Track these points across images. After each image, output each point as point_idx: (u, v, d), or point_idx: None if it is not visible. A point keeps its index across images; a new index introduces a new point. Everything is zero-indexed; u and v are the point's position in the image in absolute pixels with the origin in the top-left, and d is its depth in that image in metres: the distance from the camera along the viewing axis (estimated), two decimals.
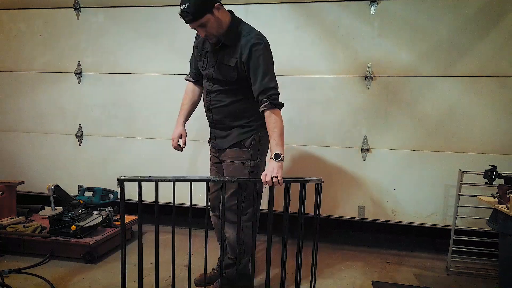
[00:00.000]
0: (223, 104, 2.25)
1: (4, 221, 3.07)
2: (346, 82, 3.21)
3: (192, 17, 1.98)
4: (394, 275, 2.83)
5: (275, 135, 2.07)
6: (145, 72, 3.53)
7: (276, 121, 2.08)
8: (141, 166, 3.62)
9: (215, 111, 2.29)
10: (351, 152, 3.26)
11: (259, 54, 2.09)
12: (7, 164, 3.89)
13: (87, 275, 2.65)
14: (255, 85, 2.11)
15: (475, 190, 2.81)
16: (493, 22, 2.94)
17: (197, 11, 1.97)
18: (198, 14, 1.98)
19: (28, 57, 3.74)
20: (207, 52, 2.24)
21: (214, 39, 2.11)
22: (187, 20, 2.01)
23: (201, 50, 2.28)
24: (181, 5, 1.98)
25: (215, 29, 2.07)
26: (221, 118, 2.28)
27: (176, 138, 2.43)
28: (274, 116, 2.08)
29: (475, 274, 2.84)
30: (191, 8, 1.96)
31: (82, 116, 3.71)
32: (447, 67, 3.04)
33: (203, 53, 2.27)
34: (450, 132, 3.09)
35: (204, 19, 2.00)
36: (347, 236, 3.47)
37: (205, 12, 1.99)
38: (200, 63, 2.30)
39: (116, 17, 3.53)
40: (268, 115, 2.09)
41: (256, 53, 2.08)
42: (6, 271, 2.58)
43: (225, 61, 2.16)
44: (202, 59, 2.28)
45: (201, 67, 2.31)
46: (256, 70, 2.09)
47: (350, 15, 3.13)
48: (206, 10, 1.99)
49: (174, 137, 2.43)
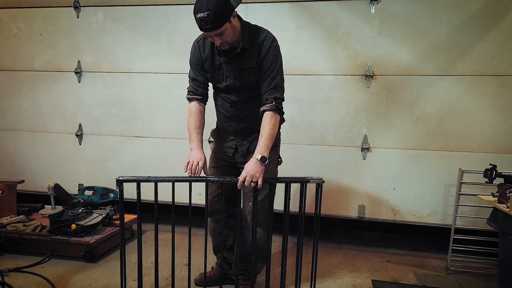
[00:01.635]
0: (248, 112, 2.21)
1: (4, 220, 3.07)
2: (346, 81, 3.21)
3: (211, 26, 1.87)
4: (394, 274, 2.83)
5: (267, 137, 2.02)
6: (145, 71, 3.54)
7: (274, 125, 2.05)
8: (141, 165, 3.62)
9: (241, 119, 2.24)
10: (351, 151, 3.26)
11: (276, 51, 2.09)
12: (7, 163, 3.89)
13: (87, 274, 2.65)
14: (267, 80, 2.06)
15: (475, 189, 2.80)
16: (493, 21, 2.94)
17: (217, 20, 1.86)
18: (218, 24, 1.88)
19: (28, 56, 3.74)
20: (221, 64, 2.14)
21: (227, 46, 2.03)
22: (206, 28, 1.90)
23: (212, 64, 2.17)
24: (199, 12, 1.85)
25: (231, 36, 1.99)
26: (248, 125, 2.25)
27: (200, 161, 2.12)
28: (275, 120, 2.05)
29: (475, 273, 2.84)
30: (211, 17, 1.84)
31: (82, 115, 3.71)
32: (447, 66, 3.04)
33: (216, 66, 2.16)
34: (450, 131, 3.09)
35: (223, 28, 1.91)
36: (347, 235, 3.47)
37: (225, 21, 1.90)
38: (215, 77, 2.20)
39: (116, 16, 3.53)
40: (269, 116, 2.04)
41: (275, 50, 2.08)
42: (6, 270, 2.58)
43: (246, 64, 2.10)
44: (217, 72, 2.18)
45: (216, 81, 2.22)
46: (271, 65, 2.06)
47: (350, 14, 3.13)
48: (225, 19, 1.90)
49: (198, 160, 2.11)
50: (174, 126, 3.50)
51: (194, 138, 2.20)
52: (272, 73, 2.07)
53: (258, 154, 2.00)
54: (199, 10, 1.86)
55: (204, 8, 1.84)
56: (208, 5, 1.83)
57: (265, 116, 2.06)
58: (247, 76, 2.13)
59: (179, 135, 3.46)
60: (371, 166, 3.24)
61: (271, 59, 2.06)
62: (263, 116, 2.07)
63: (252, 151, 2.13)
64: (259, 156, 1.99)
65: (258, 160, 1.98)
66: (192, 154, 2.14)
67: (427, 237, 3.33)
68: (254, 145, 2.16)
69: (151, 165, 3.60)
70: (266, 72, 2.07)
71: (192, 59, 2.23)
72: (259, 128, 2.11)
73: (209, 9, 1.83)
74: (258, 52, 2.07)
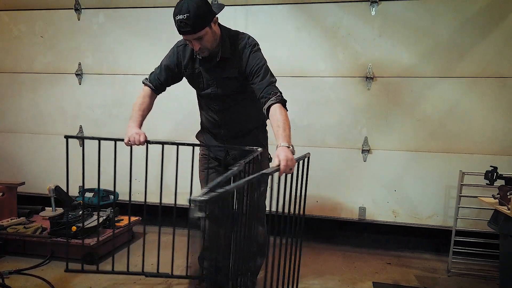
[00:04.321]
0: (236, 117, 2.21)
1: (4, 222, 3.07)
2: (346, 83, 3.21)
3: (191, 29, 1.85)
4: (395, 276, 2.83)
5: (286, 127, 1.92)
6: (145, 73, 3.49)
7: (286, 114, 1.98)
8: (141, 166, 3.61)
9: (230, 126, 2.24)
10: (351, 153, 3.26)
11: (258, 53, 2.06)
12: (7, 165, 3.89)
13: (87, 276, 2.65)
14: (261, 81, 2.01)
15: (475, 191, 2.80)
16: (494, 22, 2.94)
17: (197, 23, 1.85)
18: (198, 27, 1.86)
19: (29, 58, 3.75)
20: (200, 72, 2.13)
21: (206, 52, 2.01)
22: (185, 31, 1.88)
23: (192, 72, 2.16)
24: (179, 14, 1.84)
25: (210, 42, 1.97)
26: (238, 130, 2.25)
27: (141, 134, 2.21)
28: (284, 111, 1.99)
29: (476, 275, 2.83)
30: (191, 19, 1.82)
31: (82, 117, 3.71)
32: (447, 68, 3.04)
33: (196, 74, 2.16)
34: (451, 133, 3.08)
35: (203, 32, 1.89)
36: (347, 237, 3.47)
37: (205, 25, 1.89)
38: (196, 85, 2.20)
39: (116, 18, 3.53)
40: (278, 107, 1.97)
41: (257, 54, 2.05)
42: (7, 272, 2.58)
43: (225, 74, 2.08)
44: (197, 80, 2.17)
45: (198, 89, 2.23)
46: (259, 68, 2.03)
47: (351, 16, 3.13)
48: (206, 23, 1.89)
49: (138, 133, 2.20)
50: (175, 128, 3.50)
51: (135, 117, 2.24)
52: (261, 74, 2.02)
53: (284, 142, 1.86)
54: (179, 12, 1.84)
55: (185, 10, 1.82)
56: (188, 8, 1.82)
57: (274, 108, 1.96)
58: (229, 85, 2.11)
59: (179, 137, 3.46)
60: (371, 168, 3.24)
61: (253, 64, 2.03)
62: (271, 109, 1.97)
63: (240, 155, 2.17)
64: (286, 144, 1.88)
65: (288, 147, 1.88)
66: (130, 130, 2.20)
67: (428, 239, 3.32)
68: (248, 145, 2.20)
69: (152, 166, 3.58)
70: (254, 77, 2.03)
71: (166, 61, 2.23)
72: (248, 129, 2.15)
73: (189, 12, 1.81)
74: (239, 61, 2.05)
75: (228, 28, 2.12)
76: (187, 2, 1.83)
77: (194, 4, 1.83)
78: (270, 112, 1.97)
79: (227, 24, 2.14)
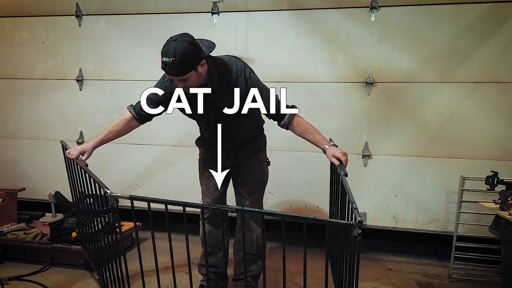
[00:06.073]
0: (236, 133, 2.24)
1: (4, 228, 3.07)
2: (346, 88, 3.21)
3: (174, 72, 1.82)
4: (396, 282, 2.82)
5: (319, 132, 2.16)
6: (146, 79, 3.54)
7: (308, 120, 2.17)
8: (141, 172, 3.62)
9: (232, 141, 2.26)
10: (352, 158, 3.23)
11: (253, 80, 2.06)
12: (8, 171, 3.89)
13: (87, 282, 2.64)
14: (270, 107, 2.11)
15: (476, 196, 2.79)
16: (494, 28, 2.95)
17: (182, 68, 1.81)
18: (182, 71, 1.83)
19: (30, 64, 3.76)
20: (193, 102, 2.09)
21: (189, 90, 1.99)
22: (169, 73, 1.85)
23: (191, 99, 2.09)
24: (165, 56, 1.79)
25: (195, 83, 1.94)
26: (240, 143, 2.29)
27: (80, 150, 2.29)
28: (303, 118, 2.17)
29: (478, 281, 2.82)
30: (175, 64, 1.78)
31: (83, 123, 3.72)
32: (447, 73, 3.05)
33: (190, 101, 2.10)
34: (451, 138, 3.08)
35: (187, 76, 1.86)
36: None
37: (190, 69, 1.85)
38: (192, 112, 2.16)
39: (117, 24, 3.55)
40: (300, 117, 2.16)
41: (251, 80, 2.05)
42: (7, 278, 2.58)
43: (219, 104, 2.07)
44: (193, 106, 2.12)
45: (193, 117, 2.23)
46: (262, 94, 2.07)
47: (351, 22, 3.14)
48: (191, 67, 1.85)
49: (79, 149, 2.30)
50: (175, 134, 3.50)
51: (96, 136, 2.31)
52: (263, 97, 2.08)
53: (326, 143, 2.13)
54: (166, 54, 1.79)
55: (171, 53, 1.78)
56: (175, 52, 1.77)
57: (297, 120, 2.15)
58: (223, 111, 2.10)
59: (179, 143, 3.47)
60: (372, 173, 3.23)
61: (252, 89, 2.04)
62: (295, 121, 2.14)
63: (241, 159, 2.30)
64: (330, 143, 2.15)
65: (334, 145, 2.15)
66: (82, 145, 2.33)
67: (428, 244, 3.31)
68: (241, 153, 2.29)
69: (151, 172, 3.59)
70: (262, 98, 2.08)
71: (154, 94, 2.19)
72: (247, 139, 2.26)
73: (175, 56, 1.77)
74: (232, 92, 2.03)
75: (213, 57, 2.07)
76: (175, 45, 1.79)
77: (182, 49, 1.78)
78: (293, 125, 2.15)
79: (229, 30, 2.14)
